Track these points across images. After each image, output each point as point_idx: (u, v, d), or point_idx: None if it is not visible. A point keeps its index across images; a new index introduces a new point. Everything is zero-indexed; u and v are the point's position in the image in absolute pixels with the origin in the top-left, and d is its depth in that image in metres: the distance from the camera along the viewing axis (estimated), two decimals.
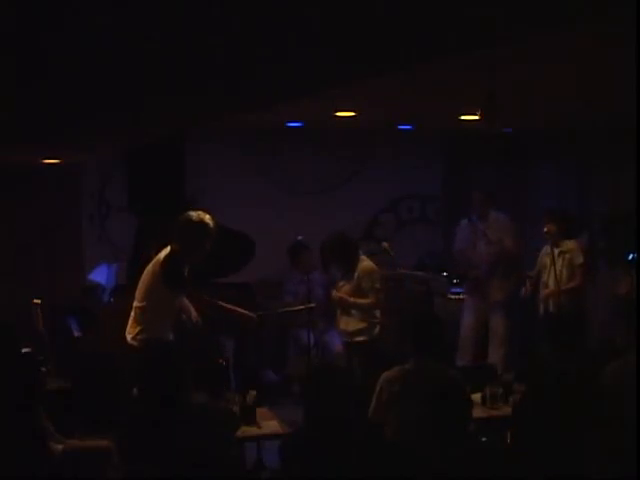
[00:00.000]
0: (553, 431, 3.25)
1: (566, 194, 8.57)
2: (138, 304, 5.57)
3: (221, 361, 7.42)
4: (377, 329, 6.54)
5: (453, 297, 8.32)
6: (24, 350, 5.80)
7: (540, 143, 8.96)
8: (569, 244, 7.12)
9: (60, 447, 3.98)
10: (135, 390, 4.38)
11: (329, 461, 3.66)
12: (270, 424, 5.16)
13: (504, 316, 7.69)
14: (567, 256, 7.11)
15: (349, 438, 3.76)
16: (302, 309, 7.60)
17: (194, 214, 5.47)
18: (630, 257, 6.81)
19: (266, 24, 2.25)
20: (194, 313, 5.88)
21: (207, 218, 5.43)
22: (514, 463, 3.26)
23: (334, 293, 6.61)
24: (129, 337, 5.52)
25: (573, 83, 5.13)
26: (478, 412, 4.84)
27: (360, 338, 6.49)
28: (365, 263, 6.48)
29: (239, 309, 5.71)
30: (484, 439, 4.08)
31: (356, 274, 6.47)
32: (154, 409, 3.89)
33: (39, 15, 2.11)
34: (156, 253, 6.73)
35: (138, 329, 5.49)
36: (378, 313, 6.57)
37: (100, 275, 8.14)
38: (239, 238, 7.92)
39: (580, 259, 7.08)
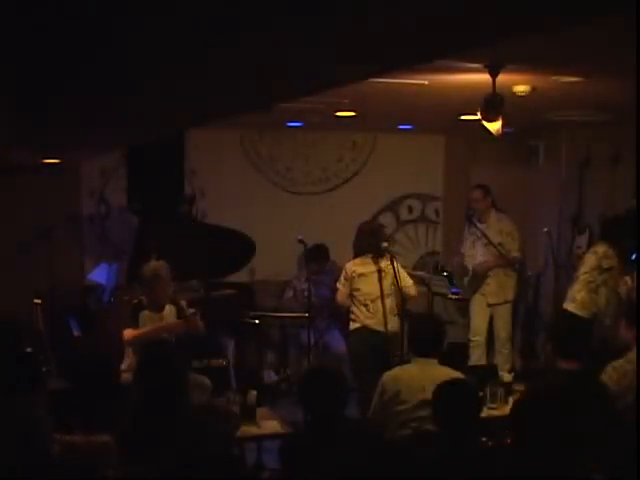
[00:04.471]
0: (552, 432, 3.24)
1: (566, 194, 8.56)
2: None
3: (221, 361, 7.43)
4: None
5: (453, 297, 8.32)
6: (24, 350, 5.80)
7: (540, 143, 8.97)
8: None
9: (59, 447, 3.97)
10: (135, 390, 4.38)
11: (329, 462, 3.66)
12: (270, 424, 5.16)
13: (506, 319, 7.66)
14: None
15: (348, 438, 3.77)
16: (299, 316, 7.64)
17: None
18: (631, 257, 6.79)
19: (266, 24, 2.25)
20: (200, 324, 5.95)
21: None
22: (514, 463, 3.26)
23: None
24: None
25: (574, 83, 5.13)
26: None
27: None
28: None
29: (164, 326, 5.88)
30: (484, 439, 4.08)
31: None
32: (154, 409, 3.89)
33: (39, 16, 2.11)
34: (156, 253, 6.75)
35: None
36: None
37: (100, 275, 8.13)
38: (239, 238, 7.93)
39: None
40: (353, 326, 6.73)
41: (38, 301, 6.86)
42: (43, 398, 4.09)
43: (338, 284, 6.84)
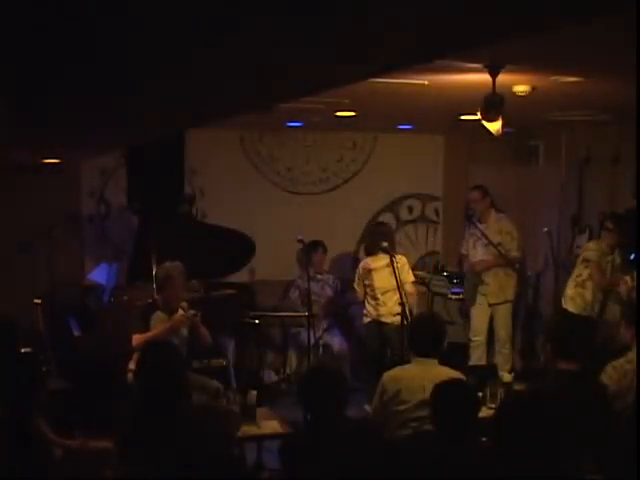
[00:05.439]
0: (551, 432, 3.24)
1: (566, 194, 8.56)
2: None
3: (221, 361, 7.43)
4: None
5: (453, 297, 8.32)
6: (24, 350, 5.81)
7: (540, 143, 8.96)
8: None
9: (60, 451, 3.97)
10: (136, 390, 4.38)
11: (329, 462, 3.66)
12: (270, 424, 5.16)
13: (506, 318, 7.67)
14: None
15: (348, 438, 3.76)
16: (299, 315, 7.66)
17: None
18: (631, 257, 6.81)
19: (266, 24, 2.25)
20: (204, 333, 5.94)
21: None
22: (512, 464, 3.26)
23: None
24: None
25: (574, 83, 5.13)
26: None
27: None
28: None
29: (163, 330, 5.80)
30: (484, 439, 4.07)
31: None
32: (154, 409, 3.89)
33: (39, 16, 2.11)
34: (156, 253, 6.75)
35: None
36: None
37: (100, 275, 8.14)
38: (239, 238, 7.93)
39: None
40: (365, 320, 7.27)
41: (38, 301, 6.86)
42: (43, 398, 4.09)
43: (355, 285, 7.39)
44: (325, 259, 8.43)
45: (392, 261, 6.78)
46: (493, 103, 4.76)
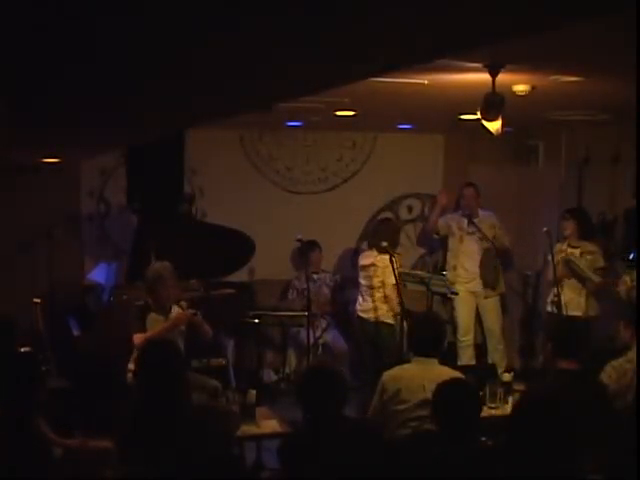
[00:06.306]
0: (551, 432, 3.24)
1: (566, 193, 8.56)
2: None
3: (221, 360, 7.44)
4: None
5: (453, 297, 8.32)
6: (24, 349, 5.81)
7: (540, 142, 8.96)
8: (589, 246, 7.06)
9: (60, 451, 3.97)
10: (135, 390, 4.38)
11: (328, 461, 3.66)
12: (270, 423, 5.16)
13: (497, 312, 7.77)
14: (589, 257, 7.07)
15: (348, 438, 3.76)
16: (299, 315, 7.66)
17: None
18: (630, 256, 6.81)
19: (266, 24, 2.25)
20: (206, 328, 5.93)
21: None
22: (513, 463, 3.26)
23: None
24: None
25: (574, 82, 5.13)
26: None
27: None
28: None
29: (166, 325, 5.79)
30: (484, 439, 4.08)
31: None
32: (154, 409, 3.89)
33: (39, 16, 2.11)
34: (156, 252, 6.75)
35: None
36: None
37: (100, 275, 8.14)
38: (239, 238, 7.93)
39: (602, 262, 7.03)
40: (357, 315, 7.48)
41: (38, 301, 6.86)
42: (43, 398, 4.09)
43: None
44: (322, 258, 8.42)
45: (392, 260, 6.80)
46: (493, 103, 4.76)
